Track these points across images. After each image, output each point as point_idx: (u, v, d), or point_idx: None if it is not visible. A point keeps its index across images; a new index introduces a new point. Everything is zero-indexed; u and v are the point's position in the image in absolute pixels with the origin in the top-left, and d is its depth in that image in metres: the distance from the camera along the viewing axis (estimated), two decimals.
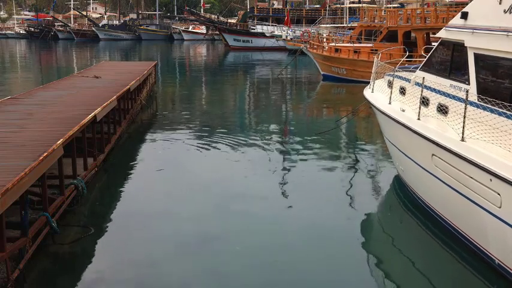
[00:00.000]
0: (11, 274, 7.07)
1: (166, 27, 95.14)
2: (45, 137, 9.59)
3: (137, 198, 11.09)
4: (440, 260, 8.55)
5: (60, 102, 13.96)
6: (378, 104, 11.84)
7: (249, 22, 70.78)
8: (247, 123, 20.41)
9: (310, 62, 34.59)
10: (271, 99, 26.93)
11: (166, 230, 9.37)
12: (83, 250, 8.58)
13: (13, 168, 7.50)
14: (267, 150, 15.06)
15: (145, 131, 17.86)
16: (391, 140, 11.73)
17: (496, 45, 8.30)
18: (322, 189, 11.69)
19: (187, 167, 13.35)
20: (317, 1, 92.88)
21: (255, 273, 7.93)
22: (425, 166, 9.46)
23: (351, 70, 30.45)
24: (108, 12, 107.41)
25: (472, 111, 8.11)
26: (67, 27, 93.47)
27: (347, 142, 16.55)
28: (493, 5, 8.55)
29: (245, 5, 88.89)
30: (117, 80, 19.08)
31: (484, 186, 7.47)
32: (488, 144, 7.59)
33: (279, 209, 10.47)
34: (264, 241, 8.95)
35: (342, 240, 9.17)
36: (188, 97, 28.25)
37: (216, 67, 47.20)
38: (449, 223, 9.06)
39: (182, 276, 7.81)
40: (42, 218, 8.30)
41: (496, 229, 7.43)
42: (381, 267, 8.29)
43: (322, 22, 55.79)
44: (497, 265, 7.65)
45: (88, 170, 11.32)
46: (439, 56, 10.42)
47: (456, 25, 9.61)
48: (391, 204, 11.22)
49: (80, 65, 43.37)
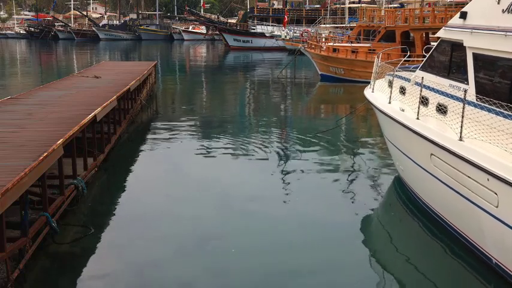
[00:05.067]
0: (11, 274, 7.08)
1: (166, 27, 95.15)
2: (45, 137, 9.61)
3: (137, 198, 11.11)
4: (439, 259, 8.58)
5: (60, 102, 13.98)
6: (378, 104, 11.88)
7: (249, 22, 70.81)
8: (247, 123, 20.42)
9: (310, 61, 34.60)
10: (271, 99, 26.95)
11: (167, 230, 9.40)
12: (83, 250, 8.59)
13: (13, 168, 7.52)
14: (266, 150, 15.09)
15: (145, 131, 17.88)
16: (391, 139, 11.77)
17: (494, 45, 8.32)
18: (322, 189, 11.72)
19: (187, 167, 13.38)
20: (317, 1, 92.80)
21: (255, 273, 7.95)
22: (424, 166, 9.48)
23: (348, 70, 30.43)
24: (108, 12, 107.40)
25: (470, 110, 8.14)
26: (67, 27, 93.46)
27: (347, 142, 16.56)
28: (492, 5, 8.57)
29: (245, 5, 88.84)
30: (117, 80, 19.10)
31: (481, 186, 7.49)
32: (485, 144, 7.61)
33: (279, 208, 10.49)
34: (264, 241, 8.98)
35: (341, 239, 9.20)
36: (188, 97, 28.28)
37: (216, 67, 47.19)
38: (447, 222, 9.09)
39: (182, 276, 7.83)
40: (42, 218, 8.31)
41: (494, 228, 7.46)
42: (380, 266, 8.32)
43: (322, 22, 55.75)
44: (495, 264, 7.68)
45: (88, 170, 11.34)
46: (439, 56, 10.45)
47: (455, 25, 9.63)
48: (391, 204, 11.24)
49: (80, 65, 43.36)
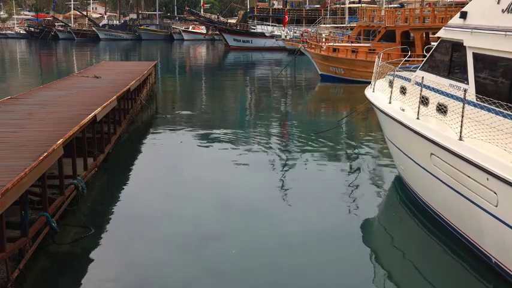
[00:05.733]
0: (11, 274, 7.08)
1: (166, 27, 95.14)
2: (45, 137, 9.61)
3: (137, 198, 11.12)
4: (438, 258, 8.59)
5: (60, 102, 13.99)
6: (379, 104, 11.88)
7: (249, 22, 70.80)
8: (247, 123, 20.43)
9: (310, 61, 34.61)
10: (271, 99, 26.94)
11: (167, 230, 9.40)
12: (83, 250, 8.59)
13: (13, 168, 7.52)
14: (267, 150, 15.09)
15: (145, 131, 17.88)
16: (391, 139, 11.77)
17: (494, 45, 8.32)
18: (322, 189, 11.72)
19: (187, 167, 13.38)
20: (317, 1, 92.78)
21: (255, 273, 7.96)
22: (424, 165, 9.49)
23: (349, 70, 30.43)
24: (108, 12, 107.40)
25: (470, 110, 8.14)
26: (67, 27, 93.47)
27: (348, 141, 16.57)
28: (492, 5, 8.57)
29: (245, 5, 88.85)
30: (117, 80, 19.10)
31: (480, 185, 7.50)
32: (485, 144, 7.62)
33: (279, 208, 10.49)
34: (264, 241, 8.98)
35: (341, 239, 9.20)
36: (188, 97, 28.27)
37: (216, 67, 47.20)
38: (447, 222, 9.10)
39: (182, 276, 7.84)
40: (42, 218, 8.31)
41: (493, 228, 7.46)
42: (380, 265, 8.31)
43: (322, 22, 55.78)
44: (494, 264, 7.68)
45: (88, 170, 11.34)
46: (439, 56, 10.45)
47: (455, 25, 9.64)
48: (392, 203, 11.24)
49: (80, 65, 43.37)
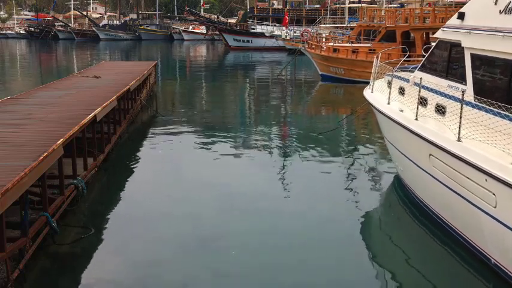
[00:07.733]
0: (11, 274, 7.11)
1: (166, 27, 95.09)
2: (45, 137, 9.63)
3: (137, 198, 11.14)
4: (437, 258, 8.61)
5: (60, 102, 14.01)
6: (377, 104, 11.90)
7: (249, 22, 70.79)
8: (247, 123, 20.45)
9: (310, 61, 34.62)
10: (271, 99, 26.95)
11: (167, 230, 9.43)
12: (83, 250, 8.62)
13: (13, 168, 7.54)
14: (267, 150, 15.12)
15: (145, 131, 17.90)
16: (390, 140, 11.79)
17: (491, 46, 8.35)
18: (322, 189, 11.75)
19: (187, 167, 13.40)
20: (317, 1, 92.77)
21: (255, 273, 7.98)
22: (423, 166, 9.51)
23: (349, 70, 30.43)
24: (108, 12, 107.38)
25: (468, 111, 8.16)
26: (67, 27, 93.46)
27: (348, 142, 16.60)
28: (489, 6, 8.59)
29: (245, 5, 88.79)
30: (117, 80, 19.11)
31: (479, 186, 7.52)
32: (484, 145, 7.64)
33: (279, 208, 10.52)
34: (264, 241, 9.00)
35: (341, 239, 9.23)
36: (188, 97, 28.29)
37: (216, 67, 47.20)
38: (446, 223, 9.12)
39: (182, 277, 7.86)
40: (42, 218, 8.33)
41: (492, 229, 7.49)
42: (379, 265, 8.34)
43: (322, 22, 55.78)
44: (494, 264, 7.71)
45: (88, 170, 11.37)
46: (437, 56, 10.47)
47: (453, 25, 9.67)
48: (391, 204, 11.27)
49: (80, 65, 43.36)
